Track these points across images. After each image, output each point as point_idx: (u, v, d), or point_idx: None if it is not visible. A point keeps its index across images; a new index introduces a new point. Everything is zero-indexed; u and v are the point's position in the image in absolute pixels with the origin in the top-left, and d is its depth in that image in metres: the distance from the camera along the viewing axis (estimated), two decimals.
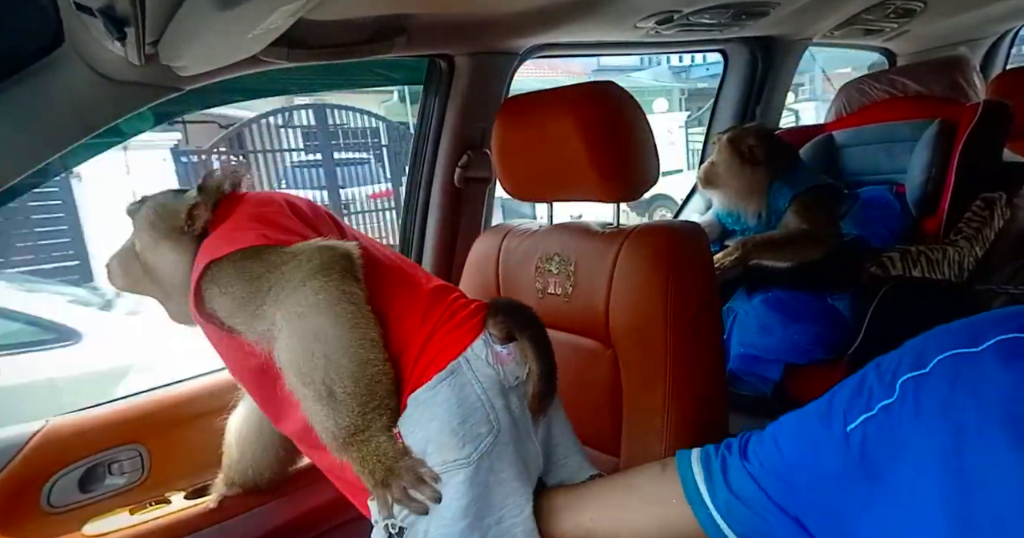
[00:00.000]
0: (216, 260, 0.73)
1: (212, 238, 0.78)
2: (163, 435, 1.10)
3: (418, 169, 1.46)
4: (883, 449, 0.47)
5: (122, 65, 0.80)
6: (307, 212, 0.83)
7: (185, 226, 0.80)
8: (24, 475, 0.98)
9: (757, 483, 0.56)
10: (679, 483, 0.62)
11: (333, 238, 0.76)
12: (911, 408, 0.46)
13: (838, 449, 0.49)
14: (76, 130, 0.89)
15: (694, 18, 1.44)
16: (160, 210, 0.82)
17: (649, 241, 0.93)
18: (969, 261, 1.45)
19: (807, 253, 1.47)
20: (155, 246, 0.82)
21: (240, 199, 0.83)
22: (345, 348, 0.69)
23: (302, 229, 0.78)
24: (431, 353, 0.74)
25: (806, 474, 0.52)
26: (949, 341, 0.47)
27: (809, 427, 0.53)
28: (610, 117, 0.93)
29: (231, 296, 0.73)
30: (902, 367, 0.48)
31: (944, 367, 0.45)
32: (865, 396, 0.49)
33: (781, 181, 1.53)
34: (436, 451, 0.70)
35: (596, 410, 0.97)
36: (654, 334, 0.89)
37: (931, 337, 0.49)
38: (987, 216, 1.48)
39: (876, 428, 0.47)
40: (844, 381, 0.53)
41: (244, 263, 0.73)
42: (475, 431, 0.71)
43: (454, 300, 0.80)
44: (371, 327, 0.71)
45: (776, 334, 1.43)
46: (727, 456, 0.61)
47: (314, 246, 0.73)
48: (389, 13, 1.07)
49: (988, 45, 2.34)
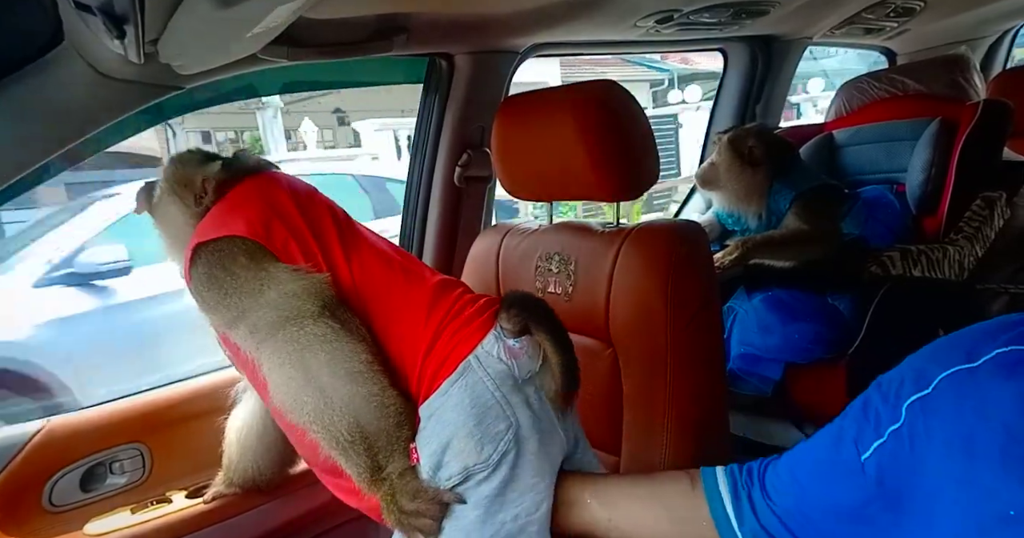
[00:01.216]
0: (203, 243, 0.74)
1: (210, 215, 0.79)
2: (164, 434, 1.11)
3: (418, 168, 1.46)
4: (899, 477, 0.47)
5: (121, 63, 0.80)
6: (305, 203, 0.81)
7: (201, 194, 0.82)
8: (25, 474, 0.99)
9: (783, 522, 0.56)
10: (706, 503, 0.62)
11: (304, 269, 0.73)
12: (921, 433, 0.45)
13: (856, 481, 0.49)
14: (75, 128, 0.89)
15: (694, 17, 1.43)
16: (179, 171, 0.84)
17: (649, 240, 0.93)
18: (969, 260, 1.45)
19: (807, 253, 1.47)
20: (166, 204, 0.83)
21: (253, 180, 0.83)
22: (332, 394, 0.68)
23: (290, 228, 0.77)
24: (440, 353, 0.72)
25: (829, 509, 0.52)
26: (948, 358, 0.47)
27: (825, 460, 0.53)
28: (610, 116, 0.93)
29: (204, 298, 0.74)
30: (904, 388, 0.48)
31: (947, 386, 0.45)
32: (872, 421, 0.49)
33: (781, 182, 1.53)
34: (455, 458, 0.68)
35: (596, 409, 0.97)
36: (654, 333, 0.89)
37: (930, 353, 0.49)
38: (987, 215, 1.48)
39: (889, 456, 0.47)
40: (850, 404, 0.53)
41: (225, 263, 0.73)
42: (493, 429, 0.69)
43: (460, 295, 0.78)
44: (356, 359, 0.69)
45: (776, 333, 1.43)
46: (750, 486, 0.61)
47: (281, 291, 0.71)
48: (389, 12, 1.07)
49: (988, 44, 2.34)
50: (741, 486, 0.62)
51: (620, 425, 0.94)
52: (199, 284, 0.74)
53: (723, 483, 0.63)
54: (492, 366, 0.72)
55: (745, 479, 0.62)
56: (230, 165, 0.84)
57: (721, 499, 0.62)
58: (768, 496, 0.58)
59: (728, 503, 0.61)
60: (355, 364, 0.69)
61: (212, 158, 0.85)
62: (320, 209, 0.82)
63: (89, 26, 0.72)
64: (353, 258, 0.77)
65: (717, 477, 0.64)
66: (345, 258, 0.77)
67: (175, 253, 0.84)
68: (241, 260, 0.73)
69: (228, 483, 1.02)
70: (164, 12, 0.60)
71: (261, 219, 0.76)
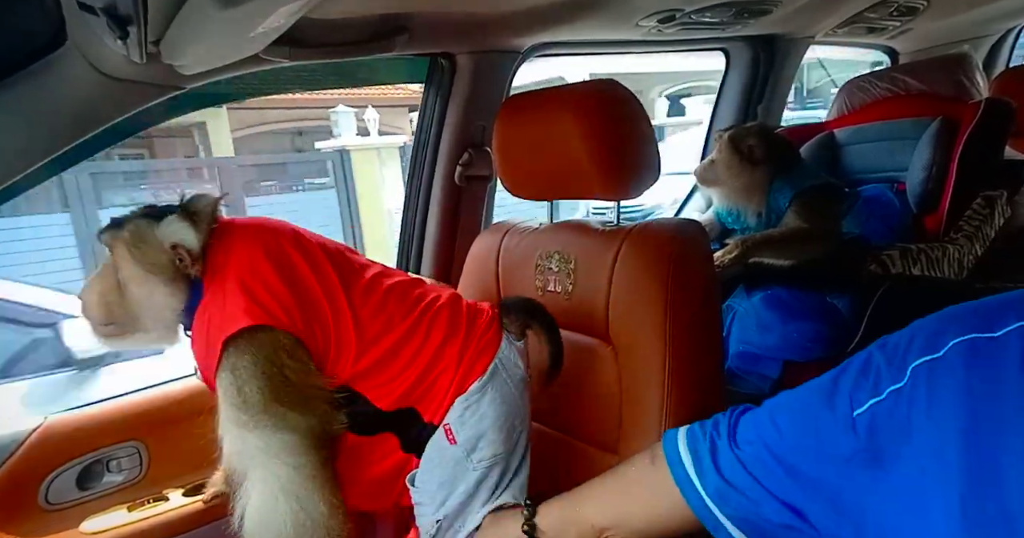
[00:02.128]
0: (234, 337, 0.72)
1: (214, 293, 0.75)
2: (161, 432, 1.11)
3: (419, 167, 1.47)
4: (892, 435, 0.45)
5: (124, 64, 0.81)
6: (310, 250, 0.81)
7: (176, 261, 0.76)
8: (22, 472, 0.99)
9: (748, 470, 0.54)
10: (668, 469, 0.61)
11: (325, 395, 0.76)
12: (923, 394, 0.44)
13: (843, 433, 0.47)
14: (78, 128, 0.89)
15: (696, 17, 1.43)
16: (137, 240, 0.77)
17: (649, 239, 0.93)
18: (969, 259, 1.45)
19: (807, 251, 1.47)
20: (143, 280, 0.77)
21: (233, 231, 0.79)
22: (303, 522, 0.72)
23: (292, 297, 0.76)
24: (469, 359, 0.84)
25: (807, 457, 0.51)
26: (964, 324, 0.45)
27: (812, 409, 0.51)
28: (611, 115, 0.93)
29: (245, 395, 0.72)
30: (912, 349, 0.46)
31: (959, 352, 0.43)
32: (872, 379, 0.47)
33: (781, 180, 1.53)
34: (487, 446, 0.82)
35: (595, 407, 0.98)
36: (654, 332, 0.89)
37: (943, 319, 0.47)
38: (988, 214, 1.48)
39: (885, 413, 0.45)
40: (849, 360, 0.51)
41: (267, 367, 0.72)
42: (517, 427, 0.85)
43: (469, 308, 0.89)
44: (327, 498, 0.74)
45: (775, 332, 1.43)
46: (716, 438, 0.59)
47: (278, 419, 0.72)
48: (390, 12, 1.07)
49: (991, 43, 2.33)
50: (703, 439, 0.60)
51: (619, 423, 0.94)
52: (239, 380, 0.72)
53: (684, 446, 0.61)
54: (511, 369, 0.86)
55: (711, 431, 0.60)
56: (195, 221, 0.77)
57: (682, 462, 0.60)
58: (735, 443, 0.57)
59: (689, 464, 0.59)
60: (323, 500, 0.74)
61: (160, 215, 0.78)
62: (317, 254, 0.82)
63: (92, 26, 0.72)
64: (356, 299, 0.81)
65: (678, 441, 0.62)
66: (349, 305, 0.80)
67: (153, 329, 0.80)
68: (287, 362, 0.73)
69: (227, 481, 1.02)
70: (167, 13, 0.61)
71: (281, 301, 0.75)
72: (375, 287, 0.83)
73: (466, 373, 0.83)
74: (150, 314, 0.79)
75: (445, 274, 1.45)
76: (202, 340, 0.76)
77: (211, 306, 0.75)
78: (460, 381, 0.82)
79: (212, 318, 0.75)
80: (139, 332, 0.80)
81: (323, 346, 0.78)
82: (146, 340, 0.82)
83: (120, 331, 0.80)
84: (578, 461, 1.00)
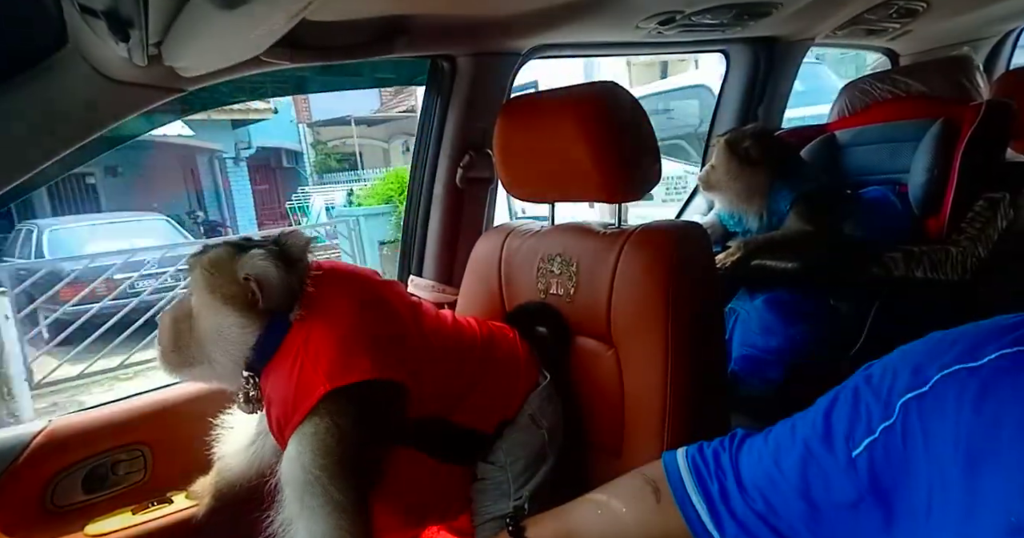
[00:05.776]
0: (339, 390, 0.70)
1: (322, 349, 0.72)
2: (166, 435, 1.11)
3: (420, 169, 1.46)
4: (892, 474, 0.45)
5: (125, 66, 0.81)
6: (400, 306, 0.83)
7: (248, 295, 0.74)
8: (27, 475, 0.99)
9: (764, 520, 0.54)
10: (680, 514, 0.59)
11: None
12: (917, 432, 0.44)
13: (847, 477, 0.47)
14: (79, 130, 0.89)
15: (696, 18, 1.43)
16: (214, 267, 0.75)
17: (651, 241, 0.93)
18: (972, 261, 1.44)
19: (808, 253, 1.47)
20: (216, 309, 0.74)
21: (332, 276, 0.79)
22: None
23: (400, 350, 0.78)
24: (525, 380, 0.94)
25: (818, 503, 0.50)
26: (947, 354, 0.44)
27: (812, 453, 0.51)
28: (612, 118, 0.93)
29: (334, 453, 0.70)
30: (898, 383, 0.46)
31: (945, 385, 0.43)
32: (864, 418, 0.47)
33: (782, 182, 1.53)
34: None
35: (598, 410, 0.98)
36: (656, 334, 0.89)
37: (926, 349, 0.47)
38: (990, 216, 1.47)
39: (882, 452, 0.45)
40: (836, 394, 0.51)
41: (369, 419, 0.72)
42: (545, 448, 0.93)
43: (506, 337, 0.97)
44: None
45: (778, 335, 1.43)
46: (722, 479, 0.58)
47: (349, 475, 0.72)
48: (391, 14, 1.08)
49: (991, 45, 2.33)
50: (710, 479, 0.58)
51: (621, 426, 0.94)
52: (329, 437, 0.70)
53: (691, 487, 0.59)
54: (542, 384, 0.95)
55: (715, 471, 0.58)
56: (282, 258, 0.75)
57: (692, 504, 0.58)
58: (744, 488, 0.56)
59: (703, 511, 0.57)
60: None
61: (248, 247, 0.76)
62: (408, 300, 0.87)
63: (93, 29, 0.73)
64: (434, 340, 0.86)
65: (684, 482, 0.59)
66: (440, 346, 0.86)
67: (218, 363, 0.77)
68: (375, 423, 0.74)
69: (214, 493, 1.01)
70: (168, 15, 0.61)
71: (397, 354, 0.76)
72: (443, 323, 0.90)
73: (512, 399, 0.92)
74: (219, 346, 0.76)
75: (447, 276, 1.45)
76: (286, 380, 0.73)
77: (310, 347, 0.73)
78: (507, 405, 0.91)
79: (307, 363, 0.72)
80: (204, 363, 0.78)
81: (429, 389, 0.80)
82: (210, 374, 0.80)
83: (186, 360, 0.78)
84: (580, 464, 1.00)
